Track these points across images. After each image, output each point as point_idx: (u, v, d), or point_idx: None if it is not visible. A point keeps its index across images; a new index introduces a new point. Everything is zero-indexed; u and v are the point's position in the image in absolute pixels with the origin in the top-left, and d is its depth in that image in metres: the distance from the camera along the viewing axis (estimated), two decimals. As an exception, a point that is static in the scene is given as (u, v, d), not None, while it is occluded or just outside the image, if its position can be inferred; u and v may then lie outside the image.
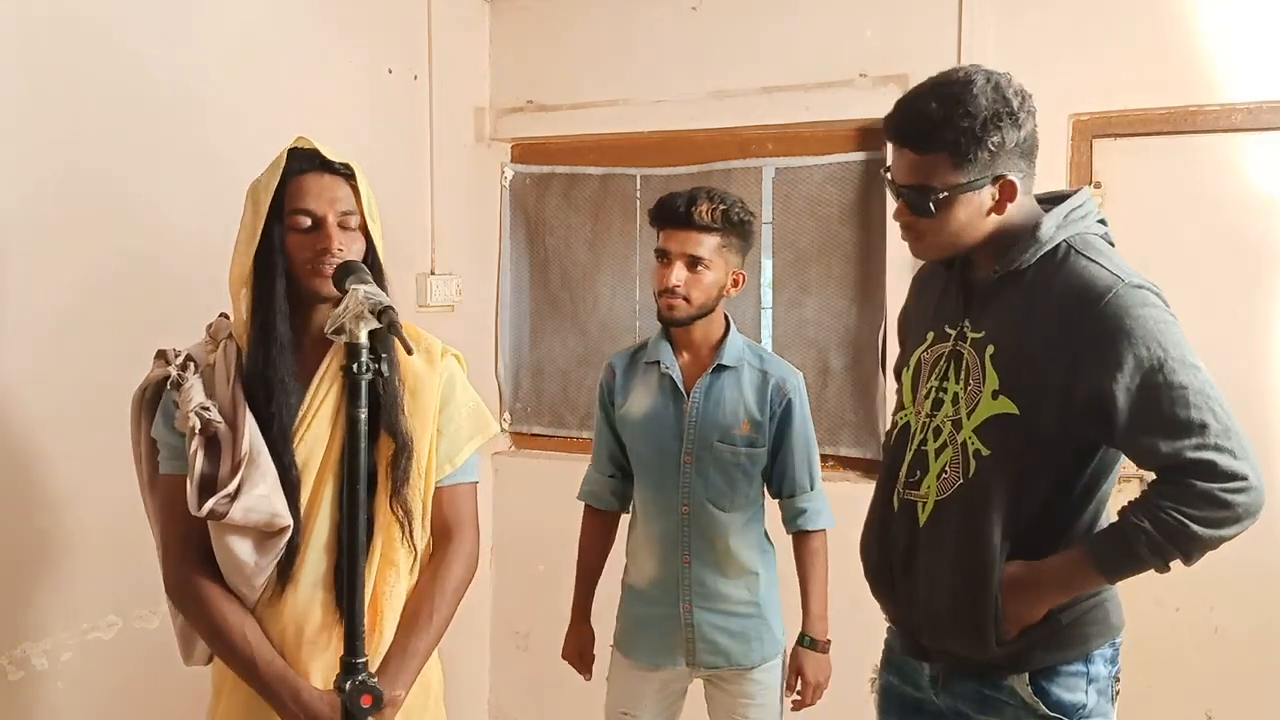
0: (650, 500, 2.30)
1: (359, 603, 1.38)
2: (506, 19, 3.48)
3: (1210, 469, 1.47)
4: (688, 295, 2.19)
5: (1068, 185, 2.85)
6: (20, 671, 2.02)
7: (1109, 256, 1.60)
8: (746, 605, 2.27)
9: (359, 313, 1.35)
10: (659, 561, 2.29)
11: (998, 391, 1.59)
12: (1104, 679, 1.67)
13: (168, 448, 1.60)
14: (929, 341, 1.76)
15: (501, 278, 3.60)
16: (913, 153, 1.60)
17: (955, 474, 1.63)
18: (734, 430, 2.24)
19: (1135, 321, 1.50)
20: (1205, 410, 1.49)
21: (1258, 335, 2.75)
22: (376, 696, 1.34)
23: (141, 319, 2.23)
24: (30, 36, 2.02)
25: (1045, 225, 1.59)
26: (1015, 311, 1.60)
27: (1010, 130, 1.55)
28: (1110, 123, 2.83)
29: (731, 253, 2.22)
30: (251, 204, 1.58)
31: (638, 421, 2.31)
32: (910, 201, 1.62)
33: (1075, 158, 2.85)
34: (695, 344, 2.29)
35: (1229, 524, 1.48)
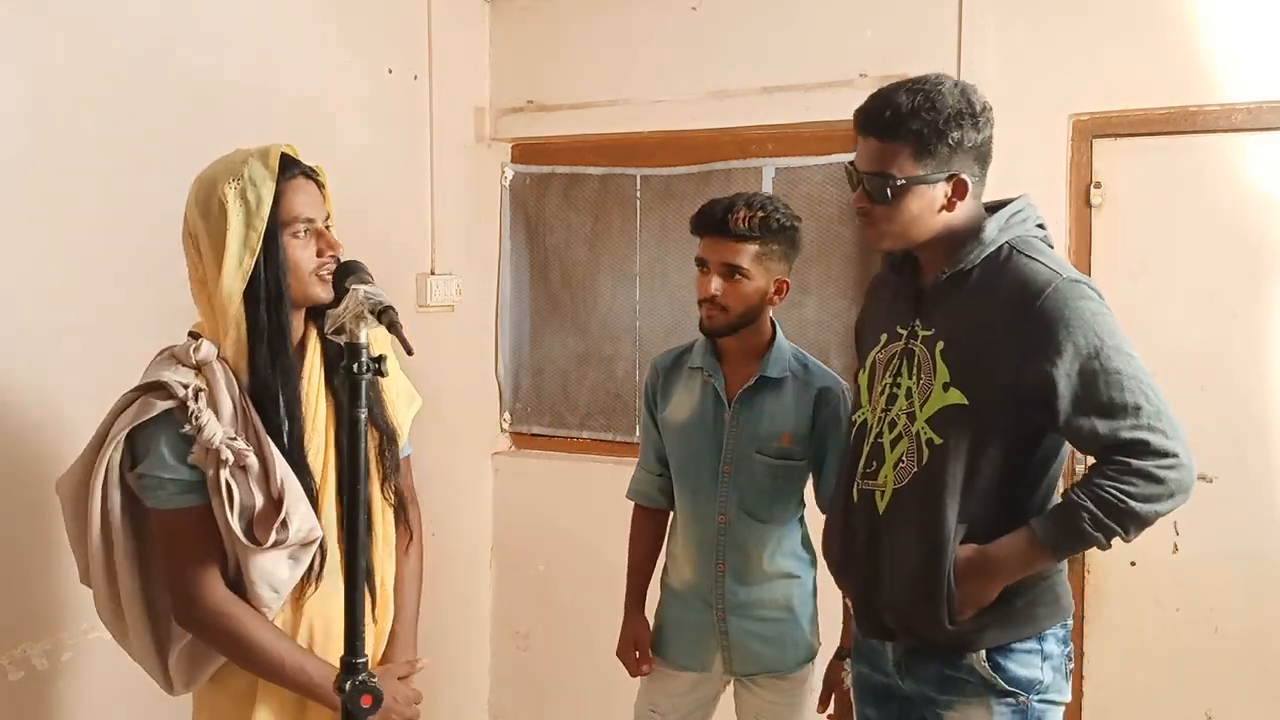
0: (687, 506, 2.28)
1: (359, 602, 1.38)
2: (506, 19, 3.48)
3: (1144, 447, 1.60)
4: (726, 305, 2.15)
5: (1067, 186, 2.86)
6: (20, 671, 2.02)
7: (1049, 255, 1.73)
8: (780, 610, 2.25)
9: (359, 313, 1.35)
10: (695, 567, 2.27)
11: (948, 384, 1.71)
12: (1058, 656, 1.76)
13: (176, 484, 1.52)
14: (883, 343, 1.86)
15: (501, 278, 3.60)
16: (878, 140, 1.72)
17: (911, 463, 1.74)
18: (773, 442, 2.20)
19: (1073, 313, 1.62)
20: (1139, 394, 1.61)
21: (1258, 335, 2.75)
22: (377, 696, 1.34)
23: (140, 319, 2.23)
24: (30, 35, 2.02)
25: (989, 227, 1.72)
26: (962, 309, 1.72)
27: (970, 131, 1.69)
28: (1110, 123, 2.83)
29: (774, 260, 2.17)
30: (240, 213, 1.51)
31: (678, 427, 2.29)
32: (869, 188, 1.73)
33: (1075, 158, 2.85)
34: (739, 352, 2.25)
35: (1163, 499, 1.61)
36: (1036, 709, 1.73)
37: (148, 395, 1.52)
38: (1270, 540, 2.75)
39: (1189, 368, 2.74)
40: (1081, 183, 2.86)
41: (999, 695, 1.72)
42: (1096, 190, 2.85)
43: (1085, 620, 2.92)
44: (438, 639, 3.26)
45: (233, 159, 1.56)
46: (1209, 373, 2.76)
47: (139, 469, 1.53)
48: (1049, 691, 1.74)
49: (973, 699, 1.74)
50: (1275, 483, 2.75)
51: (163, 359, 1.57)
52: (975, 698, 1.74)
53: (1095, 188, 2.85)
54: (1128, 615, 2.90)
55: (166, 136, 2.28)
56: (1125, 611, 2.90)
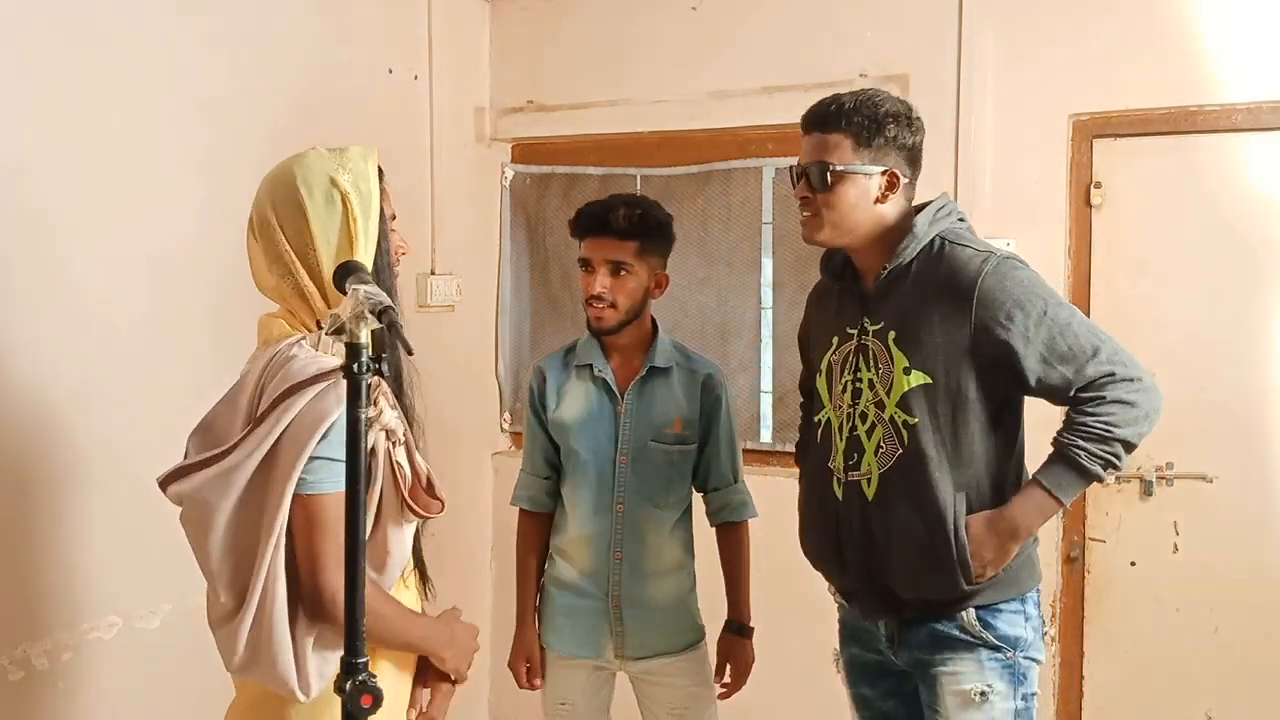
0: (587, 500, 2.32)
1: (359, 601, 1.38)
2: (506, 19, 3.48)
3: (1111, 378, 1.77)
4: (614, 301, 2.24)
5: (1068, 185, 2.86)
6: (20, 671, 2.02)
7: (977, 241, 1.90)
8: (672, 598, 2.33)
9: (359, 312, 1.35)
10: (590, 558, 2.32)
11: (908, 368, 1.84)
12: (1036, 618, 1.91)
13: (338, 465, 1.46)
14: (834, 345, 1.99)
15: (501, 278, 3.60)
16: (820, 133, 1.88)
17: (892, 446, 1.87)
18: (667, 429, 2.29)
19: (1014, 283, 1.79)
20: (1092, 336, 1.79)
21: (1258, 335, 2.75)
22: (377, 696, 1.34)
23: (141, 318, 2.23)
24: (29, 34, 2.02)
25: (919, 223, 1.87)
26: (907, 299, 1.86)
27: (905, 131, 1.87)
28: (1110, 123, 2.83)
29: (653, 255, 2.28)
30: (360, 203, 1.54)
31: (573, 424, 2.33)
32: (811, 176, 1.88)
33: (1075, 158, 2.85)
34: (626, 347, 2.33)
35: (1140, 421, 1.77)
36: (1022, 664, 1.87)
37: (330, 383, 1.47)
38: (1270, 540, 2.75)
39: (1189, 367, 2.74)
40: (1081, 183, 2.86)
41: (990, 650, 1.85)
42: (1096, 190, 2.85)
43: (1086, 620, 2.92)
44: (438, 639, 3.26)
45: (324, 155, 1.57)
46: (1209, 373, 2.76)
47: (314, 452, 1.47)
48: (1030, 649, 1.88)
49: (964, 654, 1.86)
50: (1275, 483, 2.75)
51: (306, 352, 1.51)
52: (967, 653, 1.86)
53: (1095, 188, 2.85)
54: (1128, 615, 2.90)
55: (168, 137, 2.28)
56: (1125, 611, 2.90)
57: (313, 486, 1.47)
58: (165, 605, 2.22)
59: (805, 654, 2.69)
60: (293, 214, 1.53)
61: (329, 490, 1.47)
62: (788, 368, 3.25)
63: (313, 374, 1.48)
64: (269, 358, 1.52)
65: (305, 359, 1.50)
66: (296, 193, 1.53)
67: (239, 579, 1.47)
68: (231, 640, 1.46)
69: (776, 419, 3.28)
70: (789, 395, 3.26)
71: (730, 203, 3.28)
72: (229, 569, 1.48)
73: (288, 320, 1.59)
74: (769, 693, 2.68)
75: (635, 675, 2.37)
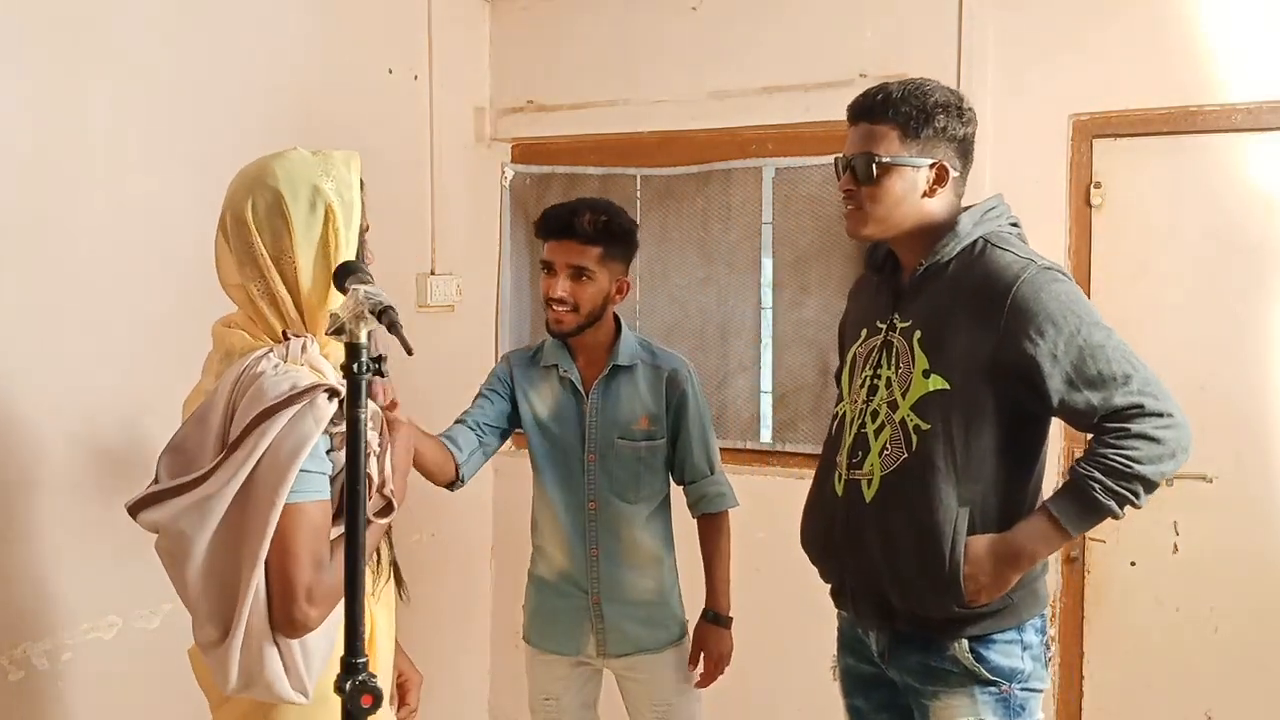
0: (556, 497, 2.35)
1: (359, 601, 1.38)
2: (506, 19, 3.48)
3: (1139, 411, 1.68)
4: (576, 305, 2.25)
5: (1068, 185, 2.86)
6: (20, 671, 2.02)
7: (1021, 247, 1.82)
8: (652, 593, 2.35)
9: (359, 313, 1.35)
10: (567, 555, 2.35)
11: (928, 371, 1.77)
12: (1037, 645, 1.83)
13: (322, 476, 1.48)
14: (862, 338, 1.94)
15: (501, 278, 3.59)
16: (867, 124, 1.82)
17: (898, 449, 1.80)
18: (633, 426, 2.31)
19: (1050, 295, 1.70)
20: (1125, 363, 1.70)
21: (1258, 335, 2.75)
22: (377, 696, 1.34)
23: (140, 318, 2.23)
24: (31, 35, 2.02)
25: (963, 221, 1.80)
26: (938, 299, 1.80)
27: (955, 122, 1.80)
28: (1110, 123, 2.83)
29: (615, 261, 2.28)
30: (343, 214, 1.51)
31: (541, 424, 2.36)
32: (856, 169, 1.82)
33: (1075, 158, 2.85)
34: (589, 347, 2.35)
35: (1165, 459, 1.68)
36: (1019, 697, 1.79)
37: (306, 403, 1.45)
38: (1270, 540, 2.75)
39: (1189, 368, 2.73)
40: (1081, 183, 2.86)
41: (982, 685, 1.78)
42: (1096, 190, 2.85)
43: (1085, 620, 2.92)
44: (438, 639, 3.26)
45: (308, 159, 1.53)
46: (1209, 373, 2.76)
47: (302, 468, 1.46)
48: (1030, 680, 1.80)
49: (956, 689, 1.79)
50: (1275, 483, 2.75)
51: (275, 367, 1.47)
52: (959, 687, 1.79)
53: (1095, 188, 2.85)
54: (1128, 615, 2.90)
55: (168, 137, 2.28)
56: (1125, 611, 2.90)
57: (302, 496, 1.45)
58: (165, 605, 2.21)
59: (805, 658, 2.68)
60: (272, 218, 1.50)
61: (306, 499, 1.45)
62: (788, 368, 3.25)
63: (286, 393, 1.44)
64: (238, 374, 1.49)
65: (276, 375, 1.46)
66: (279, 197, 1.50)
67: (222, 608, 1.45)
68: (223, 666, 1.44)
69: (776, 419, 3.28)
70: (789, 395, 3.26)
71: (730, 203, 3.28)
72: (209, 600, 1.45)
73: (248, 329, 1.55)
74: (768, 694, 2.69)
75: (618, 672, 2.40)
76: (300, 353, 1.49)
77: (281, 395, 1.43)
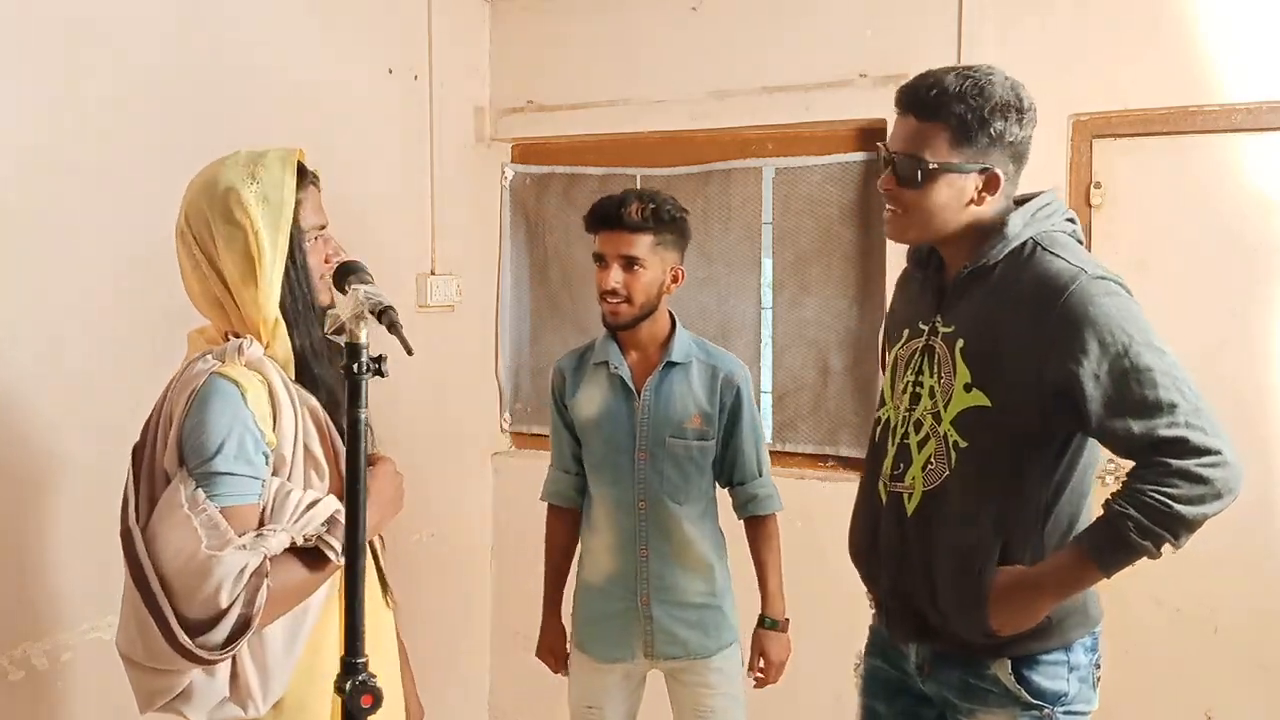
0: (606, 497, 2.35)
1: (359, 603, 1.38)
2: (506, 19, 3.48)
3: (1184, 446, 1.53)
4: (629, 296, 2.24)
5: (1068, 186, 2.85)
6: (20, 671, 2.02)
7: (1074, 251, 1.67)
8: (703, 595, 2.33)
9: (359, 312, 1.35)
10: (617, 556, 2.34)
11: (970, 385, 1.66)
12: (1085, 666, 1.72)
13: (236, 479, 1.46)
14: (904, 339, 1.83)
15: (501, 278, 3.60)
16: (916, 119, 1.67)
17: (941, 465, 1.70)
18: (685, 424, 2.30)
19: (1099, 309, 1.56)
20: (1173, 390, 1.55)
21: (1258, 335, 2.75)
22: (377, 696, 1.34)
23: (141, 319, 2.22)
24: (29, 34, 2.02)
25: (1012, 222, 1.66)
26: (983, 306, 1.67)
27: (1013, 126, 1.64)
28: (1110, 123, 2.83)
29: (667, 250, 2.27)
30: (265, 216, 1.49)
31: (590, 421, 2.36)
32: (900, 169, 1.68)
33: (1075, 158, 2.85)
34: (642, 343, 2.34)
35: (1209, 500, 1.53)
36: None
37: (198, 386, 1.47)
38: (1270, 540, 2.75)
39: (1188, 368, 2.70)
40: (1081, 183, 2.86)
41: (1024, 707, 1.68)
42: (1096, 190, 2.85)
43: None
44: (438, 639, 3.27)
45: (240, 161, 1.54)
46: (1208, 373, 2.72)
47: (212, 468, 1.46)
48: (1074, 703, 1.70)
49: (995, 709, 1.71)
50: (1275, 483, 2.75)
51: (205, 367, 1.48)
52: (999, 708, 1.70)
53: (1095, 188, 2.85)
54: (1127, 615, 2.89)
55: (165, 137, 2.27)
56: (1125, 611, 2.89)
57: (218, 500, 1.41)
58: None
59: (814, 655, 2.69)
60: (199, 223, 1.52)
61: (230, 504, 1.42)
62: (788, 368, 3.25)
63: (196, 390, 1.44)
64: (177, 377, 1.52)
65: (202, 370, 1.47)
66: (202, 202, 1.52)
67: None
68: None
69: (776, 419, 3.28)
70: (789, 395, 3.26)
71: (730, 203, 3.28)
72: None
73: (209, 337, 1.57)
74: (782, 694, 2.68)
75: (665, 673, 2.39)
76: (237, 353, 1.49)
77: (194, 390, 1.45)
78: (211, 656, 1.38)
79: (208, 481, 1.41)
